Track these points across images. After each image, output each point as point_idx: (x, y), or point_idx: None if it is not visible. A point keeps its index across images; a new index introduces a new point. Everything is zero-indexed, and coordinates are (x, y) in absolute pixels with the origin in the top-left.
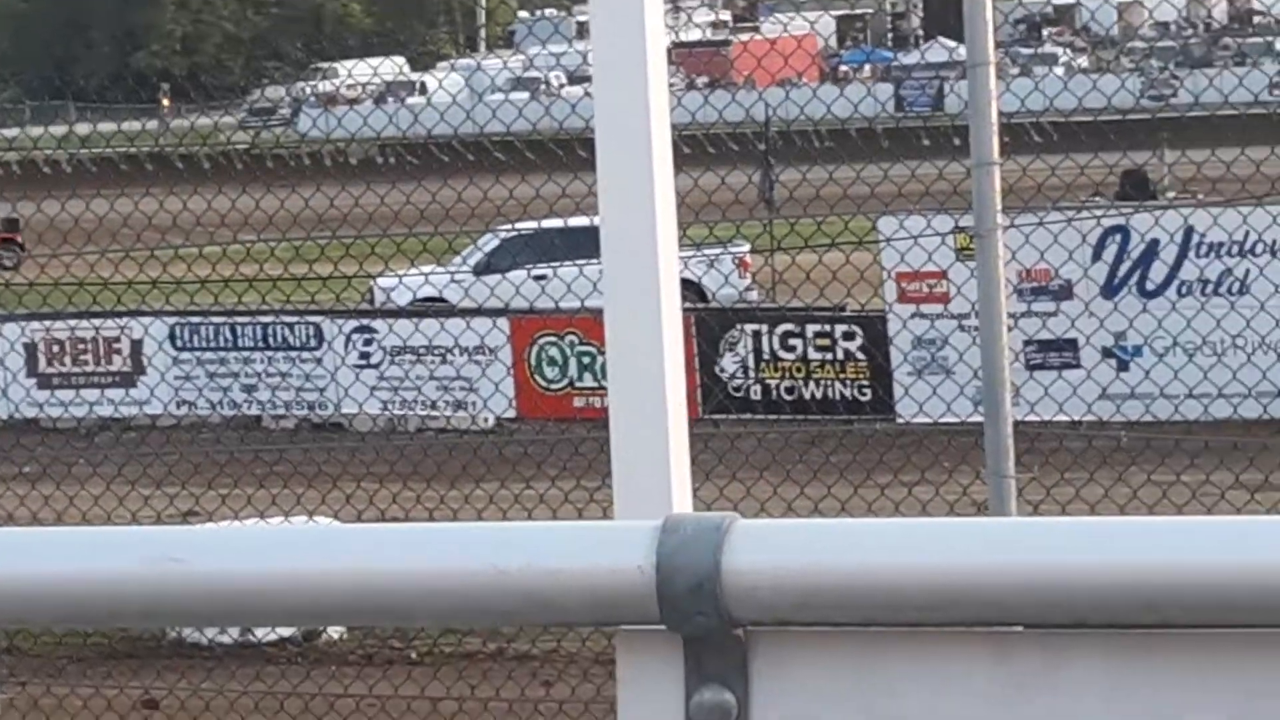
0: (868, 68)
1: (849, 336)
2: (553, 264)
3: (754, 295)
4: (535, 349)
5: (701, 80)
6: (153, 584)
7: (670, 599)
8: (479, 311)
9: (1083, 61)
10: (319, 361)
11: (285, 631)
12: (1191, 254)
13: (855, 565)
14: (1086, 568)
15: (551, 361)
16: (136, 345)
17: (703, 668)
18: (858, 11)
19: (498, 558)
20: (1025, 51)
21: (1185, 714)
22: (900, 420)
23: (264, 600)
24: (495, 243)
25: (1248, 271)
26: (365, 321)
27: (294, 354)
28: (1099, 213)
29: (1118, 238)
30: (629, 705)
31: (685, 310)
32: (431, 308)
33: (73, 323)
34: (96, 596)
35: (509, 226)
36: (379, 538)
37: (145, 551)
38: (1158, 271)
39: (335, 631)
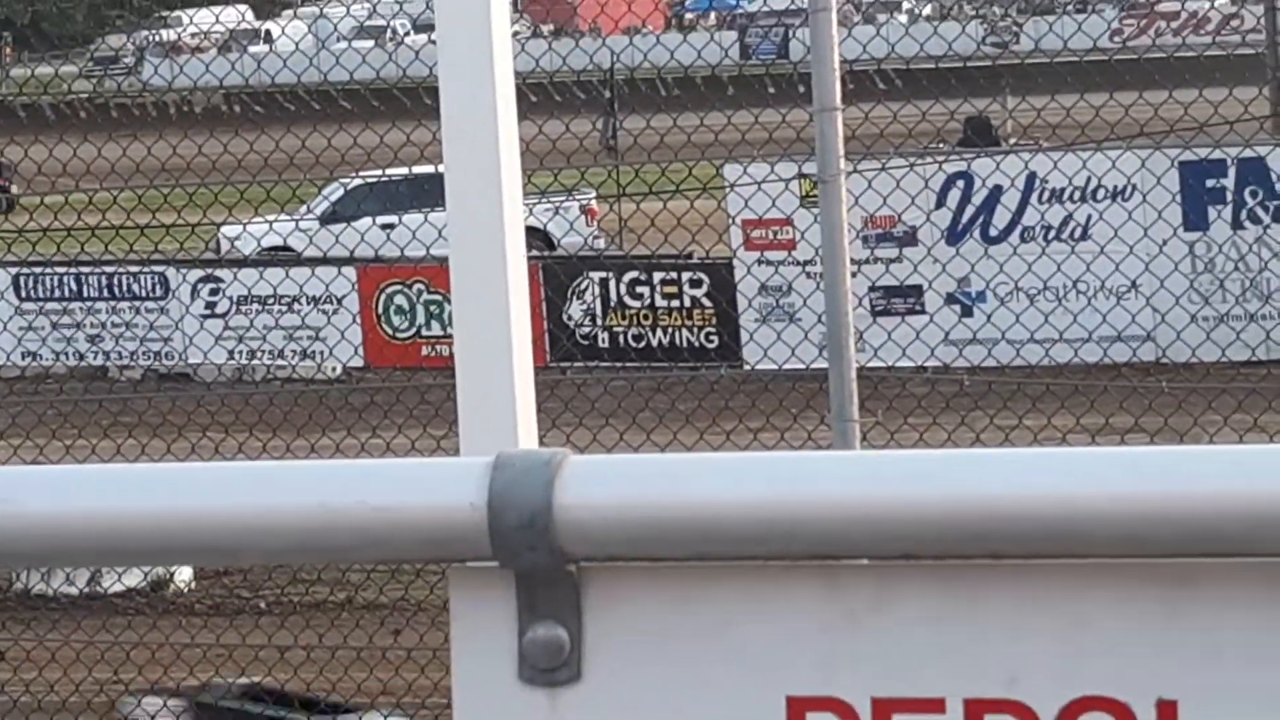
0: (713, 15)
1: (695, 284)
2: (399, 212)
3: (600, 243)
4: (382, 297)
5: (547, 27)
6: None
7: (501, 535)
8: (325, 261)
9: (926, 9)
10: (164, 311)
11: (132, 581)
12: (1034, 199)
13: (686, 499)
14: (916, 500)
15: (399, 310)
16: None
17: (535, 604)
18: None
19: (327, 495)
20: None
21: (1014, 642)
22: (746, 366)
23: (93, 540)
24: (341, 191)
25: (1089, 216)
26: (211, 270)
27: (139, 303)
28: (942, 159)
29: (961, 184)
30: (462, 641)
31: (531, 258)
32: (277, 257)
33: None
34: None
35: (355, 175)
36: (208, 476)
37: None
38: (1000, 217)
39: (182, 581)
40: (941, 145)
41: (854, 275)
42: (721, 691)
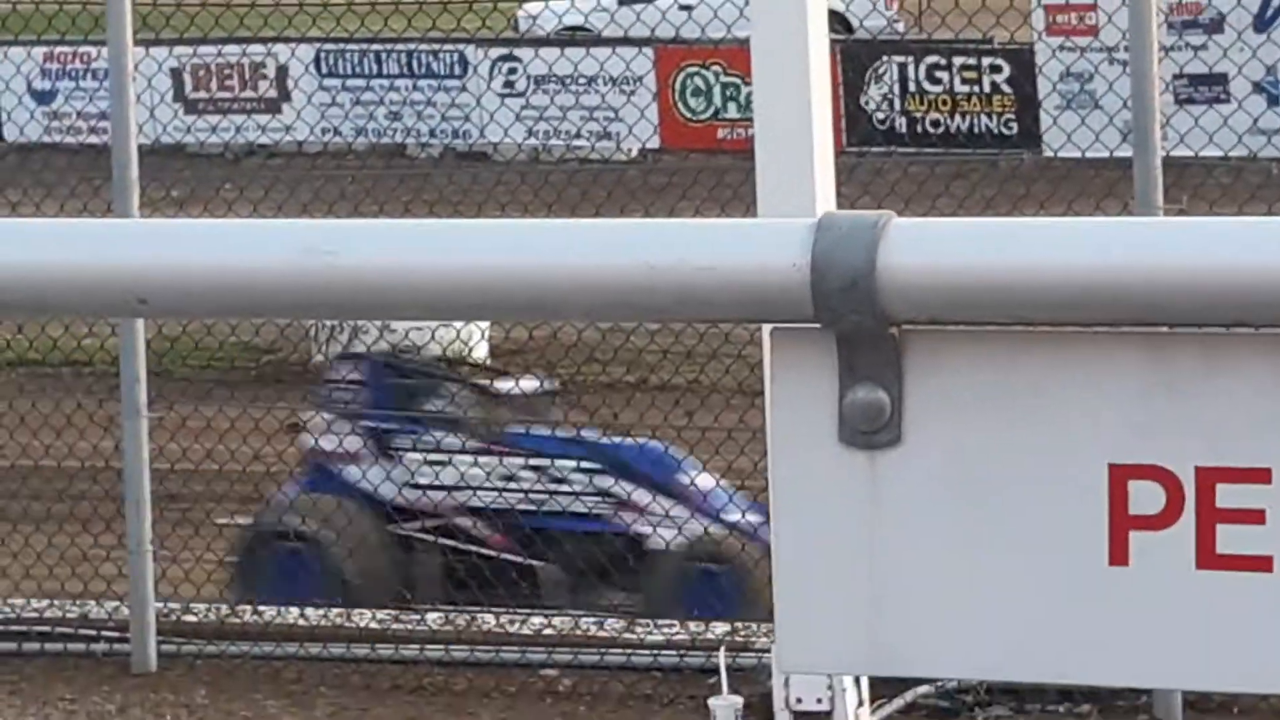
0: None
1: (996, 69)
2: None
3: (900, 26)
4: (680, 78)
5: None
6: (305, 276)
7: (824, 296)
8: (624, 41)
9: None
10: (464, 88)
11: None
12: None
13: (1011, 262)
14: (1242, 266)
15: (696, 91)
16: (282, 70)
17: (856, 366)
18: None
19: (650, 254)
20: None
21: None
22: (1048, 152)
23: (413, 293)
24: None
25: None
26: (510, 49)
27: (439, 81)
28: None
29: None
30: (781, 402)
31: (831, 40)
32: (576, 35)
33: (219, 48)
34: (249, 287)
35: None
36: (530, 232)
37: (296, 242)
38: None
39: (479, 358)
40: None
41: (1160, 61)
42: (1043, 457)
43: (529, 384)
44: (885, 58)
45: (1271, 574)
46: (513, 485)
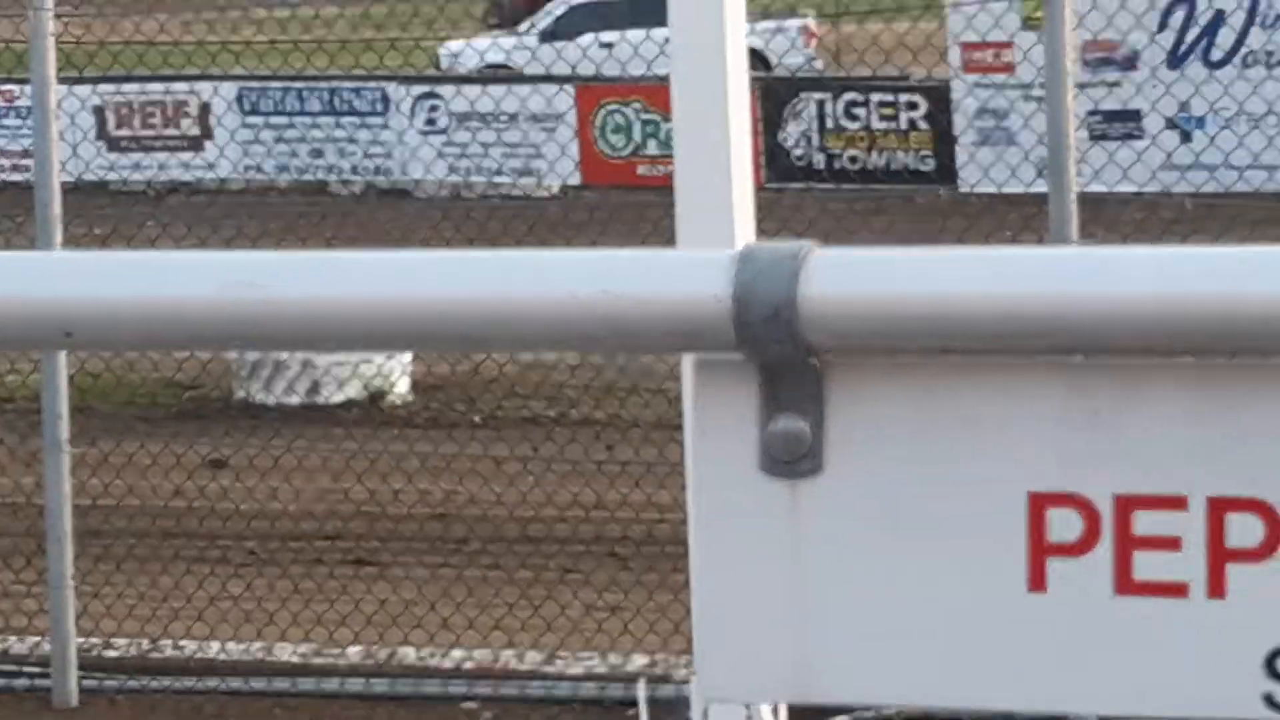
0: None
1: (913, 105)
2: (620, 29)
3: (819, 64)
4: (600, 115)
5: None
6: (231, 308)
7: (746, 326)
8: (545, 78)
9: None
10: (386, 125)
11: (351, 392)
12: (1258, 22)
13: (930, 293)
14: (1162, 295)
15: (616, 128)
16: (205, 108)
17: (778, 396)
18: None
19: (574, 284)
20: None
21: (1257, 442)
22: (964, 188)
23: (336, 326)
24: (564, 8)
25: None
26: (432, 86)
27: (361, 118)
28: None
29: (1184, 6)
30: (702, 432)
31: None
32: (498, 74)
33: (142, 85)
34: (176, 320)
35: None
36: (457, 263)
37: (223, 276)
38: (1224, 40)
39: (400, 394)
40: None
41: (1074, 98)
42: (962, 485)
43: None
44: (803, 94)
45: (1187, 600)
46: None
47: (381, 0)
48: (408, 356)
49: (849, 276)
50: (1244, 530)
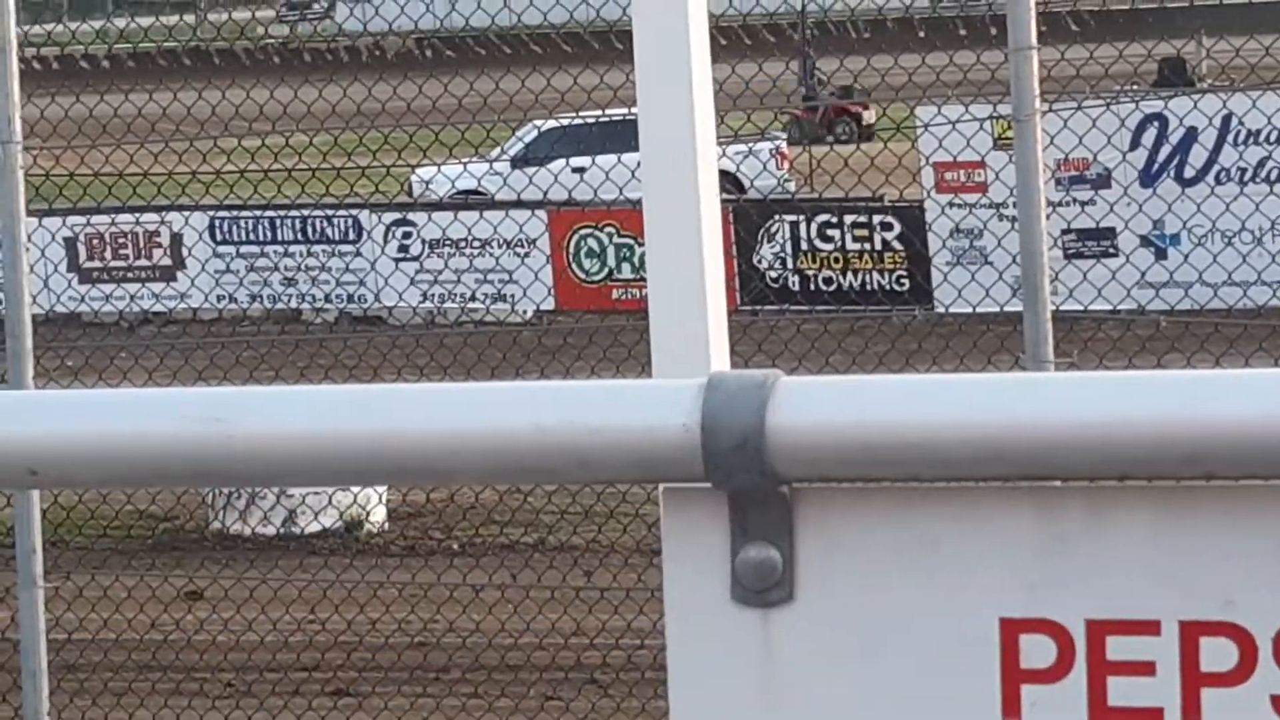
0: None
1: (886, 226)
2: (591, 154)
3: (791, 185)
4: (574, 240)
5: None
6: (195, 444)
7: (715, 455)
8: (517, 203)
9: None
10: (358, 253)
11: (327, 522)
12: (1230, 140)
13: (899, 420)
14: (1129, 420)
15: (590, 253)
16: (176, 238)
17: (747, 525)
18: None
19: (540, 415)
20: None
21: (1230, 564)
22: (939, 308)
23: (305, 460)
24: (534, 134)
25: None
26: (404, 213)
27: (333, 246)
28: (1138, 99)
29: (1156, 124)
30: (674, 562)
31: (723, 200)
32: (470, 199)
33: (113, 216)
34: (141, 457)
35: (548, 117)
36: (421, 397)
37: (186, 411)
38: (1197, 157)
39: (376, 522)
40: (1137, 86)
41: (1048, 217)
42: (934, 612)
43: None
44: (777, 216)
45: None
46: None
47: (352, 129)
48: (384, 485)
49: (817, 404)
50: (1218, 654)
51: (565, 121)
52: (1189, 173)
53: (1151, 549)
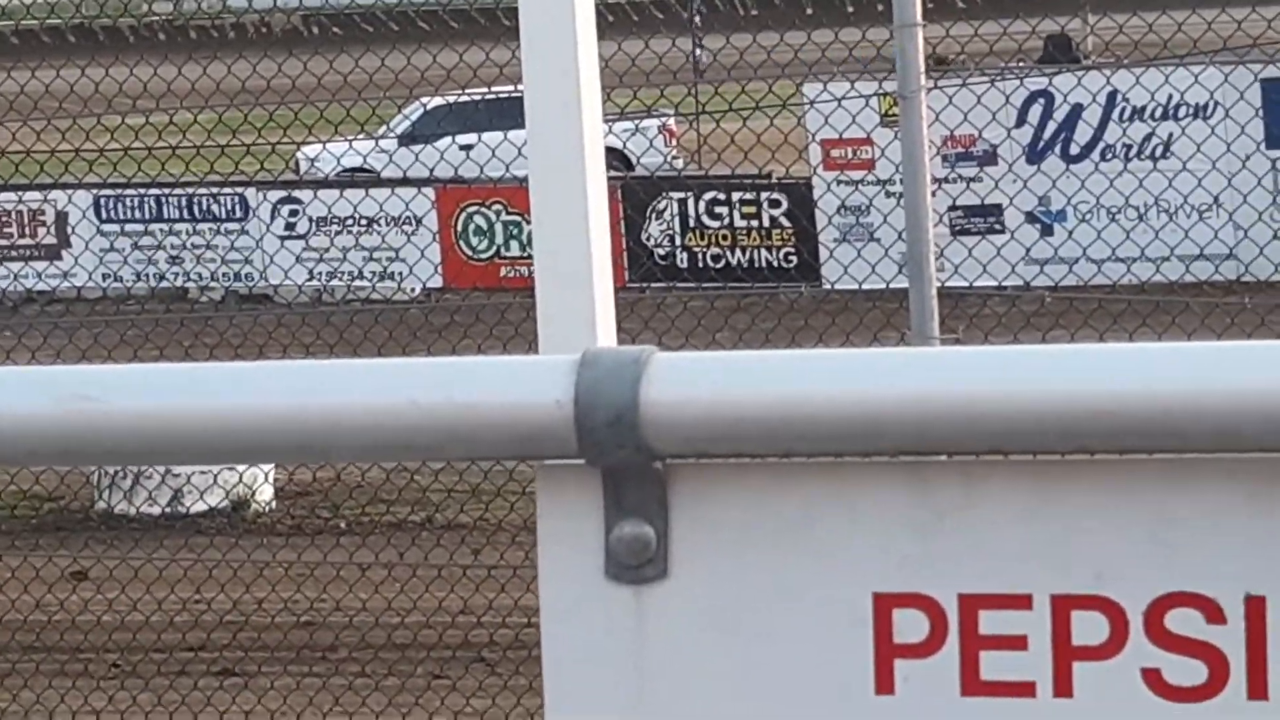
0: None
1: (774, 203)
2: (478, 132)
3: (679, 162)
4: (461, 217)
5: None
6: (66, 422)
7: (588, 432)
8: (404, 181)
9: None
10: (244, 231)
11: (213, 501)
12: (1115, 116)
13: (773, 395)
14: (1003, 395)
15: (478, 230)
16: (61, 216)
17: (622, 501)
18: None
19: (415, 392)
20: None
21: (1101, 538)
22: (825, 285)
23: (179, 437)
24: (421, 111)
25: (1171, 133)
26: (290, 191)
27: (219, 224)
28: (1023, 75)
29: (1042, 101)
30: (548, 538)
31: (610, 178)
32: (357, 177)
33: None
34: (12, 435)
35: (435, 94)
36: (295, 374)
37: (57, 389)
38: (1082, 134)
39: (263, 500)
40: (1023, 63)
41: (934, 194)
42: (808, 588)
43: None
44: (665, 194)
45: (1035, 699)
46: None
47: (237, 106)
48: (260, 464)
49: (691, 380)
50: (1089, 628)
51: (452, 99)
52: (1074, 149)
53: (1024, 524)
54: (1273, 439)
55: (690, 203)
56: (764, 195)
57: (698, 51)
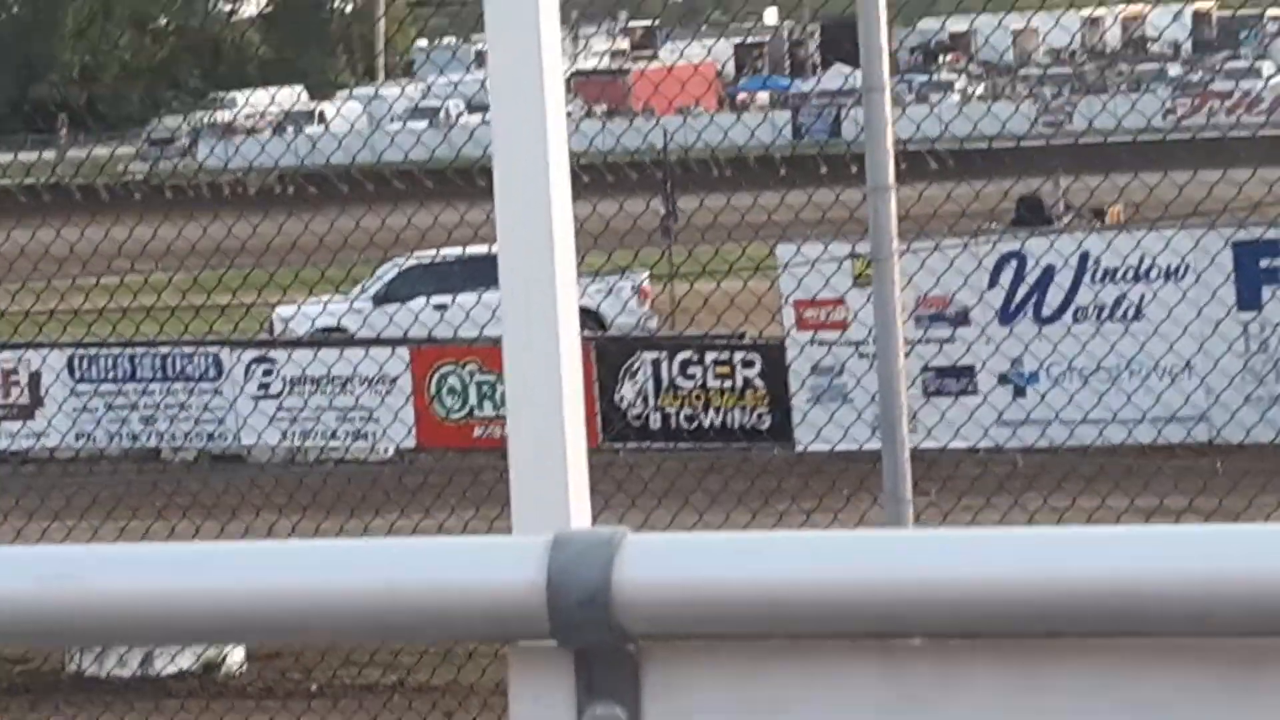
0: (765, 94)
1: (748, 364)
2: (453, 292)
3: (653, 323)
4: (435, 378)
5: (600, 107)
6: (47, 602)
7: (561, 613)
8: (378, 341)
9: (978, 88)
10: (218, 392)
11: (184, 663)
12: (1087, 279)
13: (744, 578)
14: (976, 579)
15: (451, 390)
16: (34, 377)
17: (594, 683)
18: (754, 40)
19: (390, 573)
20: (921, 78)
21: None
22: (799, 447)
23: (158, 618)
24: (395, 271)
25: (1143, 296)
26: (264, 351)
27: (193, 384)
28: (995, 238)
29: (1014, 263)
30: None
31: (584, 338)
32: (331, 337)
33: None
34: None
35: (409, 255)
36: (270, 554)
37: (38, 569)
38: (1054, 296)
39: (234, 663)
40: (995, 225)
41: (907, 355)
42: None
43: None
44: (638, 354)
45: None
46: None
47: (211, 266)
48: (236, 643)
49: (663, 561)
50: None
51: (426, 259)
52: (1046, 311)
53: (999, 709)
54: (1242, 624)
55: (664, 363)
56: (738, 356)
57: (671, 213)
